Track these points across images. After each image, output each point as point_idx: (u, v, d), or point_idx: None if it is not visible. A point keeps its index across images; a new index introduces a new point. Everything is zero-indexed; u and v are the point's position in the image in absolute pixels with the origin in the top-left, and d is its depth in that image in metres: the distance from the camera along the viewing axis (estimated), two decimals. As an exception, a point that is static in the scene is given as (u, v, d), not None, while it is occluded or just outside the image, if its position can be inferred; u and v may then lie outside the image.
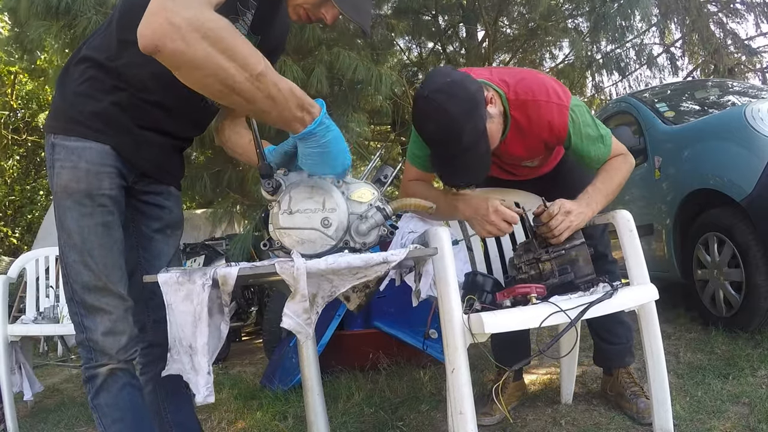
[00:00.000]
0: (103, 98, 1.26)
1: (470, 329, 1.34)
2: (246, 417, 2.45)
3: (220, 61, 0.94)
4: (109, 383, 1.28)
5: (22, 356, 2.75)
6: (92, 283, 1.26)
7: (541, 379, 2.50)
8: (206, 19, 0.93)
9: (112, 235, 1.28)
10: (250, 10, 1.27)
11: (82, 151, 1.25)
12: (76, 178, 1.24)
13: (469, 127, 1.44)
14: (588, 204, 1.59)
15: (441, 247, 1.37)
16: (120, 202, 1.31)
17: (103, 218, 1.27)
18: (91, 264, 1.26)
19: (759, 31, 7.51)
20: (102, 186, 1.26)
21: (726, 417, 1.78)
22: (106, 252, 1.27)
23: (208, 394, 1.13)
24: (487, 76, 1.64)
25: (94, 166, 1.25)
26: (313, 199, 1.22)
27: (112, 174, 1.28)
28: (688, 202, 2.93)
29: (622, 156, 1.70)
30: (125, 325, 1.29)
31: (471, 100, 1.45)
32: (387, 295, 2.76)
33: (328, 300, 1.15)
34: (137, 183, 1.39)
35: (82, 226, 1.25)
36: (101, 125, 1.26)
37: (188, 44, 0.92)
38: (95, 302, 1.27)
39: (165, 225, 1.48)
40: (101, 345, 1.27)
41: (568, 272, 1.55)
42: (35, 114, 11.71)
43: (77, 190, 1.25)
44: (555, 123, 1.59)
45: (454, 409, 1.35)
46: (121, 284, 1.30)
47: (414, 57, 6.00)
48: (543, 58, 6.34)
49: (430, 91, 1.45)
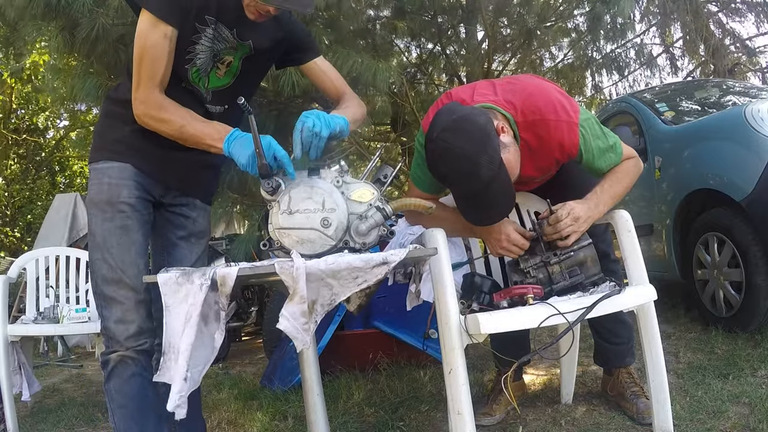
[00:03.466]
0: (124, 127, 1.50)
1: (467, 330, 1.34)
2: (246, 417, 2.45)
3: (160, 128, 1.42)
4: (120, 370, 1.42)
5: (22, 356, 2.75)
6: (109, 275, 1.43)
7: (541, 379, 2.50)
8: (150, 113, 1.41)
9: (130, 237, 1.46)
10: (210, 26, 1.44)
11: (107, 170, 1.48)
12: (100, 191, 1.47)
13: (485, 160, 1.39)
14: (597, 205, 1.58)
15: (438, 248, 1.37)
16: (140, 210, 1.49)
17: (121, 222, 1.45)
18: (109, 260, 1.43)
19: (759, 31, 7.51)
20: (121, 195, 1.46)
21: (726, 417, 1.78)
22: (124, 250, 1.44)
23: (180, 404, 1.09)
24: (492, 97, 1.60)
25: (114, 179, 1.47)
26: (312, 199, 1.22)
27: (130, 186, 1.47)
28: (688, 202, 2.93)
29: (632, 159, 1.68)
30: (135, 315, 1.43)
31: (481, 132, 1.41)
32: (387, 295, 2.76)
33: (327, 308, 1.14)
34: (165, 196, 1.59)
35: (103, 229, 1.45)
36: (123, 149, 1.49)
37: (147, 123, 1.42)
38: (111, 293, 1.43)
39: (189, 233, 1.65)
40: (113, 332, 1.42)
41: (578, 274, 1.55)
42: (35, 114, 11.72)
43: (100, 200, 1.47)
44: (566, 142, 1.56)
45: (453, 409, 1.35)
46: (136, 280, 1.44)
47: (414, 58, 6.00)
48: (543, 59, 6.34)
49: (438, 132, 1.42)
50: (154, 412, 1.43)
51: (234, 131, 1.36)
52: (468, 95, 1.62)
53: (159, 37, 1.36)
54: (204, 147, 1.38)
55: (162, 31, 1.36)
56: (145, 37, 1.36)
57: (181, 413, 1.10)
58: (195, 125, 1.39)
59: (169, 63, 1.39)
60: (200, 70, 1.49)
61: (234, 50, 1.52)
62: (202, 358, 1.16)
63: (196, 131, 1.38)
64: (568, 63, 5.91)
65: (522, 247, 1.58)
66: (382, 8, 4.83)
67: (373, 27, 4.64)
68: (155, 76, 1.38)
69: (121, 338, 1.42)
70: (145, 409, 1.43)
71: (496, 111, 1.55)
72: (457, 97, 1.64)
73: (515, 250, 1.58)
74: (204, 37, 1.45)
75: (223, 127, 1.39)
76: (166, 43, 1.37)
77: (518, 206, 1.88)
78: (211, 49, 1.48)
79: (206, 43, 1.46)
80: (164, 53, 1.37)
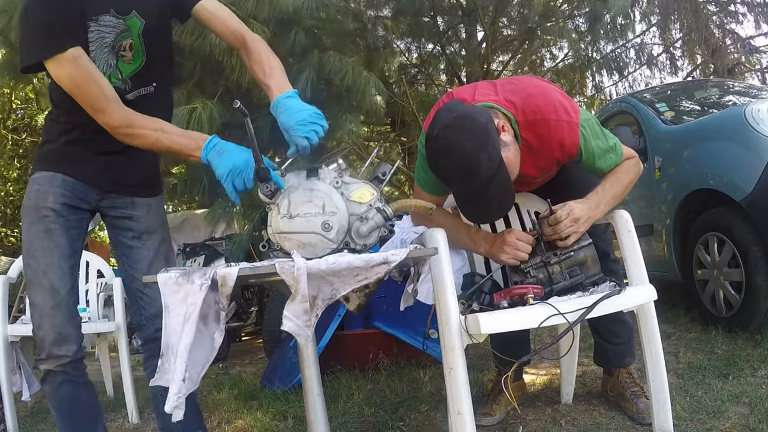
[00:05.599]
0: (58, 139, 1.55)
1: (467, 330, 1.34)
2: (246, 417, 2.45)
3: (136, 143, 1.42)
4: (50, 378, 1.50)
5: (22, 356, 2.75)
6: (33, 279, 1.48)
7: (541, 379, 2.50)
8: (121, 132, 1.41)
9: (54, 240, 1.49)
10: (92, 24, 1.41)
11: (38, 179, 1.53)
12: (29, 198, 1.52)
13: (485, 158, 1.40)
14: (597, 205, 1.58)
15: (439, 248, 1.37)
16: (64, 216, 1.52)
17: (45, 226, 1.49)
18: (32, 264, 1.48)
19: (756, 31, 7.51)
20: (47, 201, 1.50)
21: (726, 417, 1.78)
22: (47, 253, 1.48)
23: (177, 405, 1.08)
24: (493, 96, 1.60)
25: (42, 186, 1.52)
26: (312, 203, 1.22)
27: (56, 193, 1.51)
28: (688, 202, 2.93)
29: (633, 159, 1.69)
30: (52, 320, 1.46)
31: (481, 131, 1.41)
32: (387, 295, 2.76)
33: (328, 302, 1.14)
34: (103, 200, 1.61)
35: (29, 233, 1.50)
36: (54, 158, 1.54)
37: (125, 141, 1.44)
38: (33, 297, 1.48)
39: (139, 232, 1.65)
40: (39, 337, 1.48)
41: (578, 274, 1.55)
42: (35, 114, 11.70)
43: (27, 206, 1.52)
44: (566, 142, 1.57)
45: (453, 409, 1.35)
46: (59, 282, 1.47)
47: (414, 59, 6.00)
48: (543, 59, 6.34)
49: (439, 130, 1.42)
50: (87, 412, 1.55)
51: (212, 138, 1.34)
52: (469, 95, 1.63)
53: (72, 65, 1.34)
54: (182, 157, 1.40)
55: (70, 58, 1.33)
56: (63, 76, 1.35)
57: (179, 415, 1.09)
58: (170, 137, 1.39)
59: (99, 75, 1.39)
60: (105, 73, 1.46)
61: (127, 31, 1.48)
62: (201, 358, 1.15)
63: (172, 143, 1.38)
64: (568, 63, 5.91)
65: (527, 249, 1.57)
66: (382, 8, 4.83)
67: (374, 27, 4.64)
68: (103, 95, 1.37)
69: (45, 344, 1.46)
70: (78, 410, 1.53)
71: (497, 110, 1.56)
72: (459, 96, 1.64)
73: (521, 256, 1.57)
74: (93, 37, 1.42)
75: (199, 136, 1.37)
76: (81, 62, 1.35)
77: (518, 206, 1.88)
78: (104, 45, 1.45)
79: (97, 42, 1.43)
80: (88, 72, 1.36)
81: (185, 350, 1.09)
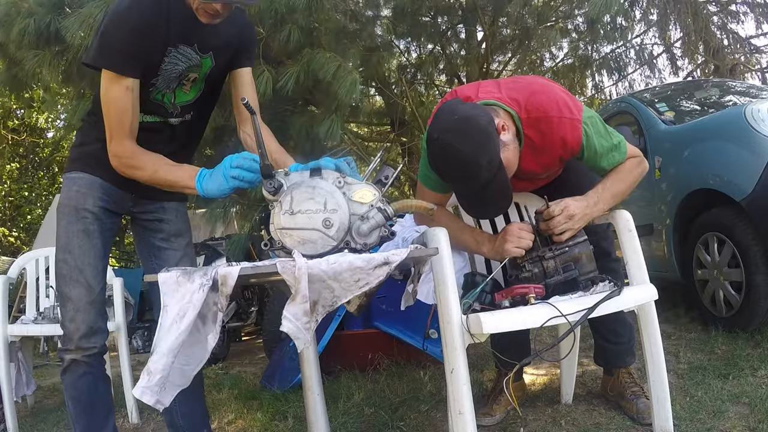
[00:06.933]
0: (94, 143, 1.61)
1: (469, 330, 1.34)
2: (246, 417, 2.45)
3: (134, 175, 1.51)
4: (72, 368, 1.56)
5: (21, 356, 2.76)
6: (68, 274, 1.55)
7: (541, 379, 2.50)
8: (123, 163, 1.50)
9: (91, 241, 1.58)
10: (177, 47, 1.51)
11: (77, 179, 1.61)
12: (68, 197, 1.60)
13: (485, 162, 1.41)
14: (596, 203, 1.59)
15: (440, 247, 1.37)
16: (101, 219, 1.60)
17: (84, 226, 1.57)
18: (69, 260, 1.55)
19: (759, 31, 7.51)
20: (86, 203, 1.58)
21: (726, 417, 1.78)
22: (84, 252, 1.56)
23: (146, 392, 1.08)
24: (496, 94, 1.61)
25: (83, 189, 1.59)
26: (314, 200, 1.22)
27: (96, 197, 1.60)
28: (688, 202, 2.93)
29: (636, 158, 1.69)
30: (85, 315, 1.54)
31: (482, 134, 1.42)
32: (387, 295, 2.76)
33: (329, 309, 1.14)
34: (135, 206, 1.71)
35: (68, 231, 1.57)
36: (94, 163, 1.61)
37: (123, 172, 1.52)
38: (67, 291, 1.55)
39: (168, 235, 1.76)
40: (67, 329, 1.55)
41: (572, 269, 1.55)
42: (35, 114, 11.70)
43: (67, 206, 1.59)
44: (568, 139, 1.57)
45: (454, 409, 1.35)
46: (94, 280, 1.56)
47: (413, 59, 5.99)
48: (543, 59, 6.33)
49: (440, 132, 1.43)
50: (103, 404, 1.61)
51: (201, 171, 1.42)
52: (473, 93, 1.64)
53: (121, 91, 1.43)
54: (178, 189, 1.48)
55: (123, 85, 1.43)
56: (108, 92, 1.44)
57: (150, 401, 1.10)
58: (167, 170, 1.48)
59: (135, 112, 1.48)
60: (161, 92, 1.56)
61: (198, 68, 1.59)
62: (195, 357, 1.16)
63: (169, 176, 1.47)
64: (568, 63, 5.91)
65: (530, 237, 1.57)
66: (382, 8, 4.83)
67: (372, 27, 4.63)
68: (124, 126, 1.46)
69: (74, 337, 1.54)
70: (95, 401, 1.59)
71: (499, 108, 1.57)
72: (462, 94, 1.65)
73: (525, 244, 1.56)
74: (168, 62, 1.52)
75: (191, 168, 1.46)
76: (129, 94, 1.44)
77: (518, 205, 1.88)
78: (174, 70, 1.54)
79: (170, 66, 1.53)
80: (128, 105, 1.45)
81: (173, 347, 1.08)
